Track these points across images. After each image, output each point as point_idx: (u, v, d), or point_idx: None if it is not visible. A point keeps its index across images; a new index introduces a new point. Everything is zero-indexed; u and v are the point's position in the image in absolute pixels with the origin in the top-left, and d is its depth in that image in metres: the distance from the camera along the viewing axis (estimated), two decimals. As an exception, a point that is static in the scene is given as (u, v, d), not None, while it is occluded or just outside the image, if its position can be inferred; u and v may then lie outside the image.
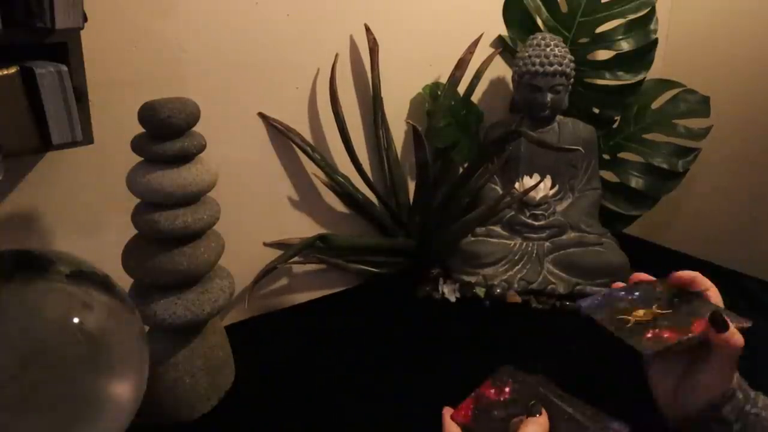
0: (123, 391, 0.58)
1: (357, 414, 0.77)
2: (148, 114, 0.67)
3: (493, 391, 0.52)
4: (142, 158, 0.70)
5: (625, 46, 1.15)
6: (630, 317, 0.54)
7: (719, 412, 0.51)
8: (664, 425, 0.56)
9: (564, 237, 1.08)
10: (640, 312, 0.54)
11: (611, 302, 0.57)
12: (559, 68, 1.05)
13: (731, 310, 1.08)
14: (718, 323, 0.50)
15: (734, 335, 0.51)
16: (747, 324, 0.52)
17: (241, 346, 0.85)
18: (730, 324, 0.50)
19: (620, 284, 0.62)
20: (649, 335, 0.51)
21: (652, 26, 1.14)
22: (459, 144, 1.12)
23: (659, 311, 0.54)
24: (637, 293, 0.58)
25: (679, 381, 0.54)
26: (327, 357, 0.89)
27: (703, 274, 1.28)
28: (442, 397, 0.80)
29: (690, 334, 0.50)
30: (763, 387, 0.82)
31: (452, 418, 0.52)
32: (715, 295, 0.58)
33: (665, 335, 0.50)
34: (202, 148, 0.71)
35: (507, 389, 0.52)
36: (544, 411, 0.48)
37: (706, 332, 0.51)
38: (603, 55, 1.19)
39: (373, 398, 0.80)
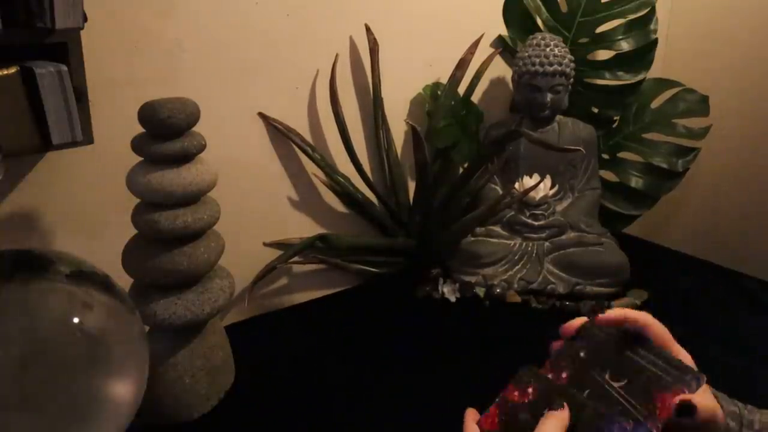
0: (123, 391, 0.58)
1: (357, 414, 0.77)
2: (148, 114, 0.67)
3: (516, 393, 0.50)
4: (142, 158, 0.70)
5: (625, 46, 1.15)
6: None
7: None
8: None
9: (564, 237, 1.08)
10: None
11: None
12: (559, 68, 1.05)
13: (729, 309, 1.08)
14: (686, 412, 0.45)
15: (703, 413, 0.46)
16: (703, 380, 0.46)
17: (241, 346, 0.85)
18: (698, 406, 0.45)
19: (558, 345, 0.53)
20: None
21: (652, 26, 1.14)
22: (459, 144, 1.12)
23: (614, 382, 0.47)
24: (530, 389, 0.48)
25: None
26: (327, 357, 0.89)
27: (703, 274, 1.28)
28: (442, 397, 0.80)
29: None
30: (763, 386, 0.82)
31: (479, 425, 0.50)
32: (659, 331, 0.50)
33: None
34: (202, 148, 0.71)
35: (530, 389, 0.50)
36: (565, 405, 0.47)
37: (671, 417, 0.45)
38: (603, 55, 1.19)
39: (372, 398, 0.80)
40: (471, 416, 0.51)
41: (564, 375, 0.49)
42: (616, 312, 0.51)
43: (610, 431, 0.44)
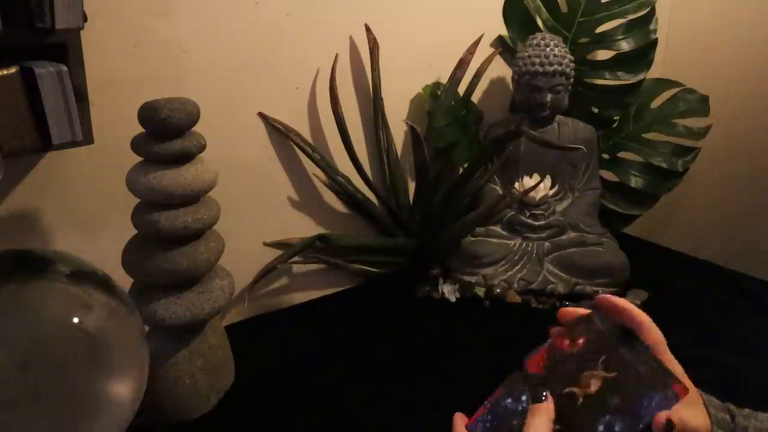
0: (123, 391, 0.58)
1: (356, 413, 0.77)
2: (148, 114, 0.67)
3: (566, 342, 0.49)
4: (142, 158, 0.70)
5: (625, 46, 1.15)
6: (578, 389, 0.47)
7: None
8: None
9: (564, 237, 1.08)
10: (589, 378, 0.47)
11: (557, 360, 0.49)
12: (559, 68, 1.05)
13: (729, 309, 1.08)
14: (668, 428, 0.44)
15: (685, 429, 0.45)
16: (685, 392, 0.46)
17: (241, 346, 0.85)
18: (677, 424, 0.45)
19: (557, 330, 0.53)
20: (601, 428, 0.45)
21: (652, 26, 1.14)
22: (459, 144, 1.12)
23: (606, 374, 0.47)
24: (581, 341, 0.49)
25: None
26: (327, 357, 0.89)
27: (703, 274, 1.28)
28: (442, 397, 0.80)
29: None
30: (763, 386, 0.82)
31: (527, 367, 0.49)
32: (655, 337, 0.50)
33: (617, 429, 0.44)
34: (202, 147, 0.71)
35: (581, 341, 0.48)
36: (549, 397, 0.47)
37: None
38: (603, 55, 1.19)
39: (372, 397, 0.80)
40: (460, 420, 0.50)
41: (580, 342, 0.49)
42: (620, 300, 0.51)
43: (651, 398, 0.44)
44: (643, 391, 0.45)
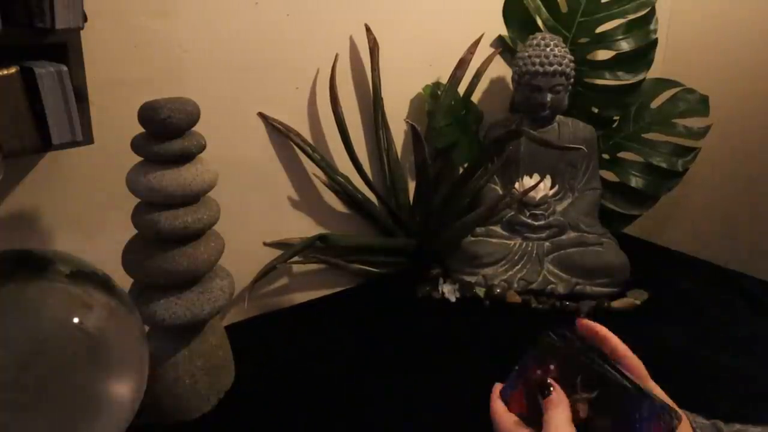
0: (123, 391, 0.58)
1: (357, 413, 0.77)
2: (148, 114, 0.67)
3: (539, 372, 0.48)
4: (142, 158, 0.70)
5: (625, 46, 1.15)
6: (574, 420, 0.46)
7: None
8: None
9: (564, 237, 1.08)
10: (574, 404, 0.46)
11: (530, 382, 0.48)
12: (559, 68, 1.05)
13: (729, 309, 1.08)
14: None
15: None
16: (678, 421, 0.44)
17: (241, 346, 0.85)
18: None
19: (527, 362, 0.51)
20: None
21: (652, 26, 1.14)
22: (459, 144, 1.12)
23: (588, 395, 0.46)
24: (552, 366, 0.48)
25: None
26: (327, 357, 0.89)
27: (703, 274, 1.27)
28: (442, 397, 0.80)
29: None
30: (763, 387, 0.82)
31: (506, 402, 0.49)
32: (631, 357, 0.49)
33: None
34: (202, 147, 0.71)
35: (552, 367, 0.47)
36: (556, 386, 0.46)
37: None
38: (603, 55, 1.19)
39: (372, 398, 0.80)
40: (498, 391, 0.50)
41: (552, 368, 0.48)
42: (601, 328, 0.50)
43: (639, 408, 0.44)
44: (631, 401, 0.44)
